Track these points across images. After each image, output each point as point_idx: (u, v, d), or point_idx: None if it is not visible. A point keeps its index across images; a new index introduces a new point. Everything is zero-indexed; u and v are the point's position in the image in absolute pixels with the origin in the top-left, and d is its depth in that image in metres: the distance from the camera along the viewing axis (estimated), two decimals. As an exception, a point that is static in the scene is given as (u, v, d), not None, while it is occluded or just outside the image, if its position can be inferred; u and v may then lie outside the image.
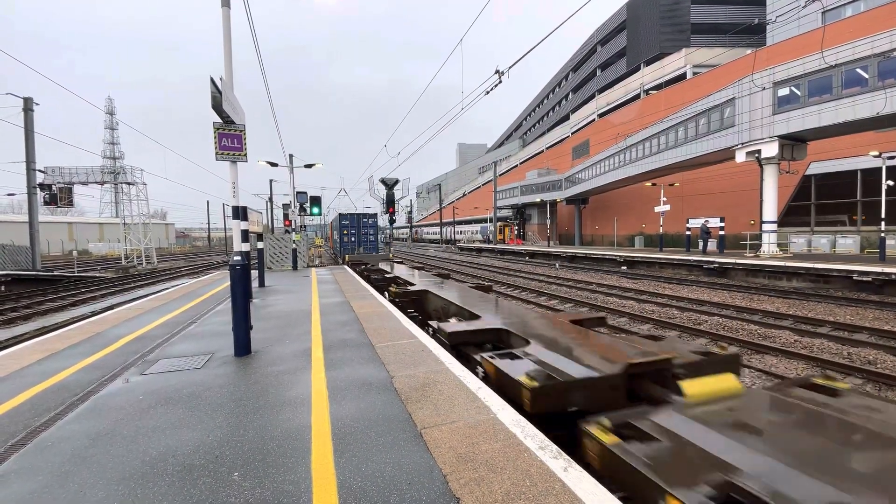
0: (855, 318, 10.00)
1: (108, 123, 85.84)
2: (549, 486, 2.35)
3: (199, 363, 4.90)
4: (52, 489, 2.47)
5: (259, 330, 6.29)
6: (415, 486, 2.41)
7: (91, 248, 60.68)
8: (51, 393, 4.05)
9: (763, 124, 18.73)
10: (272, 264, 18.09)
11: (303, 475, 2.55)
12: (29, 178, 21.16)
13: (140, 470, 2.65)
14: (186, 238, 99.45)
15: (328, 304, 8.78)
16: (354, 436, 3.01)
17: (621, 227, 39.05)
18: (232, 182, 5.44)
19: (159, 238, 71.07)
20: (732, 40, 33.63)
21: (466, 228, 65.40)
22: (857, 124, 16.21)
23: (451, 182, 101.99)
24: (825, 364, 6.90)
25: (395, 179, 17.24)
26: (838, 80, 16.14)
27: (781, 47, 24.88)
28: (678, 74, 36.20)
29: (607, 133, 37.40)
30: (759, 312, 10.81)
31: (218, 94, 4.91)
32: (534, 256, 32.39)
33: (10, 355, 5.47)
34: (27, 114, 20.71)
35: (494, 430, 3.02)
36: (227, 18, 5.39)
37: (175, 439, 3.05)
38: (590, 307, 12.30)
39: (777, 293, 13.62)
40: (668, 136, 25.71)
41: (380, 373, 4.34)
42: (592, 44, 53.72)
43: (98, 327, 7.07)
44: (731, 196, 28.30)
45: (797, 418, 2.65)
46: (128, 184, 32.67)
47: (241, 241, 5.46)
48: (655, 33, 42.44)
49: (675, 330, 9.46)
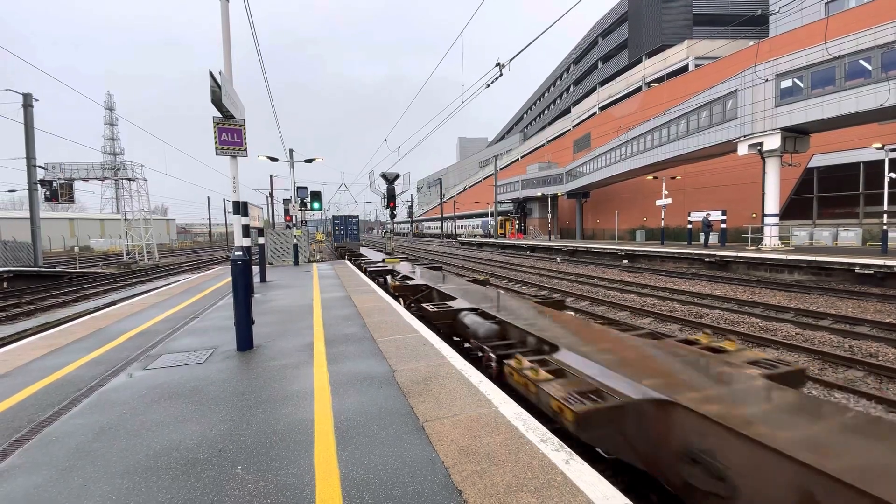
0: (857, 311, 9.99)
1: (108, 119, 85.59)
2: (550, 479, 2.36)
3: (202, 358, 4.92)
4: (57, 483, 2.49)
5: (261, 325, 6.30)
6: (417, 478, 2.42)
7: (92, 243, 60.72)
8: (55, 388, 4.07)
9: (765, 116, 18.62)
10: (273, 259, 18.11)
11: (306, 468, 2.56)
12: (30, 174, 21.14)
13: (144, 464, 2.67)
14: (188, 234, 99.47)
15: (329, 298, 8.80)
16: (357, 429, 3.03)
17: (623, 221, 38.97)
18: (232, 177, 5.43)
19: (160, 234, 71.10)
20: (735, 32, 33.41)
21: (467, 223, 65.32)
22: (861, 116, 16.09)
23: (451, 176, 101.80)
24: (826, 356, 6.90)
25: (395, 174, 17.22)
26: (841, 72, 16.00)
27: (784, 39, 24.67)
28: (680, 66, 35.93)
29: (609, 126, 37.22)
30: (760, 305, 10.81)
31: (217, 88, 4.89)
32: (535, 251, 32.37)
33: (14, 351, 5.50)
34: (27, 110, 20.65)
35: (496, 424, 3.03)
36: (225, 13, 5.35)
37: (178, 433, 3.06)
38: (590, 301, 12.31)
39: (779, 286, 13.61)
40: (669, 129, 25.57)
41: (381, 367, 4.36)
42: (594, 36, 53.28)
43: (101, 323, 7.09)
44: (732, 189, 28.19)
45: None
46: (128, 179, 32.64)
47: (242, 237, 5.46)
48: (657, 25, 42.08)
49: (677, 324, 9.46)
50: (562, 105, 63.19)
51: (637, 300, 12.22)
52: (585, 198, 41.97)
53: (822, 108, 16.54)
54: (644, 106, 35.11)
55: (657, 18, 42.11)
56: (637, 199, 36.68)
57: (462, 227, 66.20)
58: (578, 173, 38.87)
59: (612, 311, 10.94)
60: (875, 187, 21.63)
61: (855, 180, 22.86)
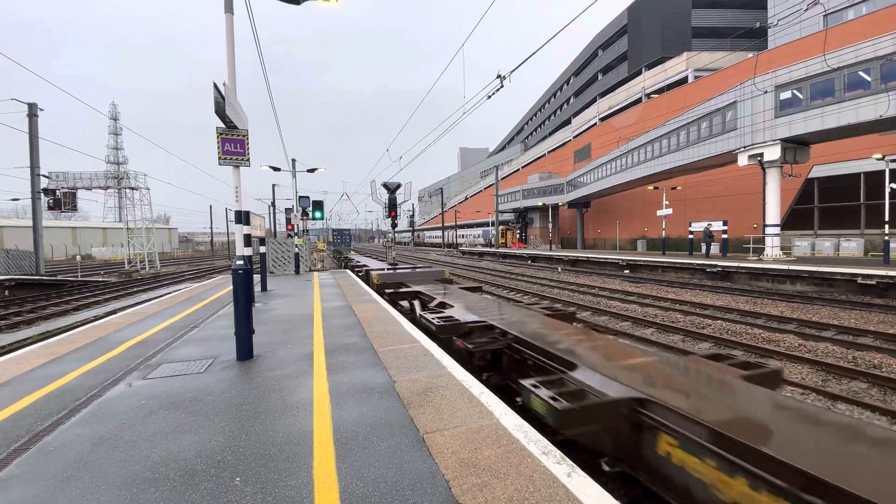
0: (859, 322, 9.94)
1: (113, 129, 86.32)
2: (552, 492, 2.34)
3: (202, 367, 4.90)
4: (55, 494, 2.47)
5: (261, 334, 6.29)
6: (417, 491, 2.39)
7: (94, 252, 60.88)
8: (54, 397, 4.06)
9: (765, 127, 18.71)
10: (275, 268, 18.13)
11: (305, 480, 2.54)
12: (33, 183, 21.27)
13: (142, 475, 2.64)
14: (189, 242, 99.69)
15: (330, 308, 8.78)
16: (356, 441, 3.00)
17: (623, 231, 38.99)
18: (235, 186, 5.45)
19: (162, 242, 71.25)
20: (734, 44, 33.73)
21: (468, 232, 65.40)
22: (860, 127, 16.16)
23: (452, 186, 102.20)
24: (829, 368, 6.85)
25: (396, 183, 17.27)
26: (841, 83, 16.11)
27: (783, 50, 24.89)
28: (680, 78, 36.25)
29: (609, 137, 37.45)
30: (762, 316, 10.76)
31: (221, 99, 4.94)
32: (536, 260, 32.36)
33: (15, 359, 5.48)
34: (31, 119, 20.85)
35: (497, 436, 3.01)
36: (230, 24, 5.43)
37: (177, 444, 3.04)
38: (592, 311, 12.27)
39: (781, 297, 13.55)
40: (670, 140, 25.70)
41: (382, 377, 4.34)
42: (594, 48, 53.86)
43: (101, 331, 7.08)
44: (733, 199, 28.24)
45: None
46: (131, 188, 32.80)
47: (243, 246, 5.48)
48: (657, 37, 42.53)
49: (679, 334, 9.41)
50: (562, 116, 63.65)
51: (639, 310, 12.17)
52: (586, 207, 42.06)
53: (821, 119, 16.63)
54: (644, 117, 35.34)
55: (657, 31, 42.57)
56: (638, 209, 36.74)
57: (463, 236, 66.27)
58: (579, 183, 38.99)
59: (613, 322, 10.89)
60: (876, 198, 21.63)
61: (856, 191, 22.88)
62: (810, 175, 23.98)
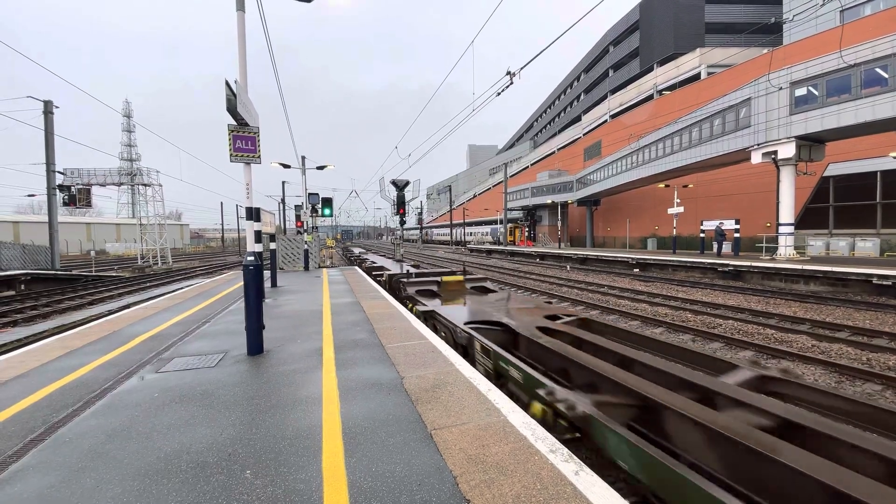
0: (875, 323, 9.76)
1: (126, 126, 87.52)
2: (560, 490, 2.33)
3: (213, 362, 4.96)
4: (70, 484, 2.53)
5: (271, 329, 6.35)
6: (425, 486, 2.41)
7: (108, 248, 61.85)
8: (69, 389, 4.14)
9: (780, 125, 18.41)
10: (284, 265, 18.26)
11: (314, 474, 2.57)
12: (49, 179, 21.65)
13: (155, 466, 2.69)
14: (201, 238, 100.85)
15: (339, 304, 8.84)
16: (365, 436, 3.03)
17: (634, 229, 38.67)
18: (246, 183, 5.50)
19: (174, 238, 72.14)
20: (748, 40, 33.15)
21: (477, 230, 65.28)
22: (878, 125, 15.83)
23: (461, 183, 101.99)
24: (843, 369, 6.74)
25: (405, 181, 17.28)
26: (857, 80, 15.79)
27: (798, 47, 24.43)
28: (692, 75, 35.76)
29: (620, 134, 37.08)
30: (775, 316, 10.61)
31: (233, 96, 4.98)
32: (544, 258, 32.21)
33: (32, 352, 5.60)
34: (47, 116, 21.20)
35: (505, 433, 3.01)
36: (241, 22, 5.46)
37: (189, 437, 3.09)
38: (601, 310, 12.20)
39: (794, 297, 13.36)
40: (682, 137, 25.39)
41: (390, 373, 4.36)
42: (605, 44, 53.31)
43: (115, 325, 7.20)
44: (746, 198, 27.85)
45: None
46: (144, 185, 33.28)
47: (254, 242, 5.53)
48: (669, 33, 41.97)
49: (689, 333, 9.33)
50: (572, 113, 63.16)
51: (648, 309, 12.07)
52: (596, 205, 41.76)
53: (838, 117, 16.32)
54: (655, 114, 34.97)
55: (669, 26, 42.01)
56: (648, 207, 36.39)
57: (471, 233, 66.16)
58: (589, 181, 38.71)
59: (623, 321, 10.82)
60: (893, 197, 21.23)
61: (872, 189, 22.43)
62: (825, 173, 23.56)
